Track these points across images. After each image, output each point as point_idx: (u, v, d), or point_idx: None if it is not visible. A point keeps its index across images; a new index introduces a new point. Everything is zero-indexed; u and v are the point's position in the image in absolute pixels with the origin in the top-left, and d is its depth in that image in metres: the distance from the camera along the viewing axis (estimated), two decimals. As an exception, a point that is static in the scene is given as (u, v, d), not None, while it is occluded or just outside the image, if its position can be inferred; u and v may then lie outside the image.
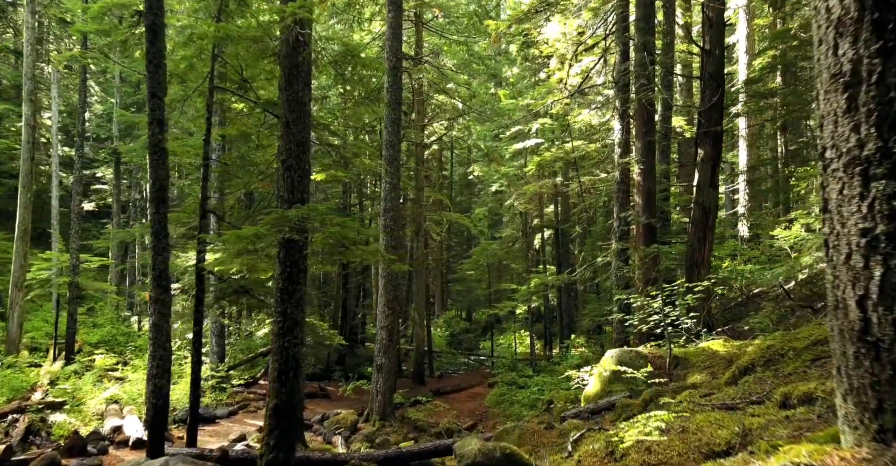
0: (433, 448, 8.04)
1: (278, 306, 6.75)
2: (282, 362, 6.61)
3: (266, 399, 6.65)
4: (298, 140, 6.95)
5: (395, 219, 14.40)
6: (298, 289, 6.81)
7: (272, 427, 6.47)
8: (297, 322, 6.76)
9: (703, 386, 6.30)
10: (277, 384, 6.57)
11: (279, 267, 6.77)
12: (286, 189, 6.82)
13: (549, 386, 16.50)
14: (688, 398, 5.01)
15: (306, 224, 6.40)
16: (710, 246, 12.07)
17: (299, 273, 6.81)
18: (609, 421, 7.07)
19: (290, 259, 6.73)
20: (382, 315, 14.21)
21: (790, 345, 5.33)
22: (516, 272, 31.40)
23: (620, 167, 13.07)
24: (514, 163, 26.00)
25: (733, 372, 5.63)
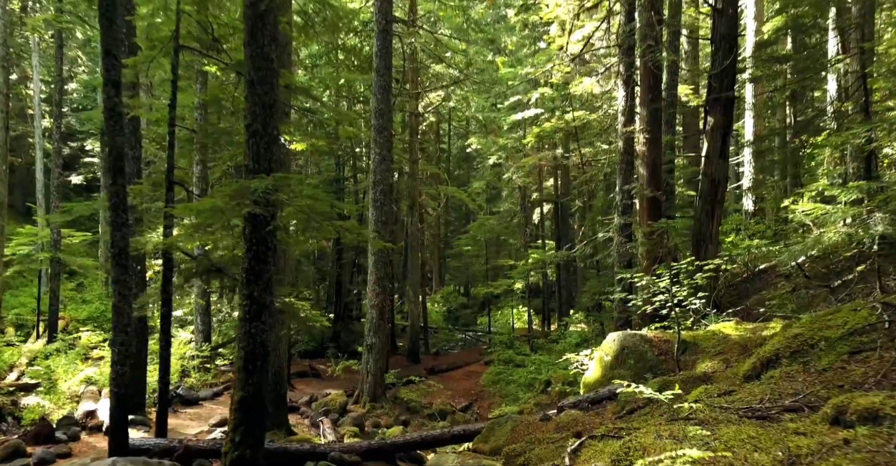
0: (419, 439, 7.44)
1: (244, 288, 6.05)
2: (248, 350, 5.94)
3: (232, 391, 6.01)
4: (265, 102, 6.17)
5: (386, 193, 13.65)
6: (267, 270, 6.10)
7: (237, 423, 5.84)
8: (266, 305, 6.08)
9: (717, 379, 5.64)
10: (243, 374, 5.91)
11: (245, 245, 6.06)
12: (251, 157, 6.07)
13: (546, 366, 15.95)
14: (704, 396, 4.34)
15: (272, 196, 5.66)
16: (718, 221, 11.35)
17: (267, 251, 6.10)
18: (611, 414, 6.44)
19: (257, 236, 6.01)
20: (373, 293, 13.56)
21: (821, 334, 4.65)
22: (514, 247, 30.76)
23: (624, 137, 12.27)
24: (513, 134, 25.11)
25: (754, 365, 4.96)
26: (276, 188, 5.84)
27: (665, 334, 7.90)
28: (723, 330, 7.63)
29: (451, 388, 16.69)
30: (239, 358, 5.98)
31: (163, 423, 8.02)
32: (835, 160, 17.87)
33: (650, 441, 3.18)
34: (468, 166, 39.59)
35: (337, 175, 25.45)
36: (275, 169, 6.14)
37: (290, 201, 5.77)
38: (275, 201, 5.77)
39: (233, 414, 5.87)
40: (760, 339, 6.81)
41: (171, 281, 8.21)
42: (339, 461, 7.18)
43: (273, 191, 5.82)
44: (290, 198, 6.00)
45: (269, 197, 5.67)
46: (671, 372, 7.18)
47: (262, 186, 5.63)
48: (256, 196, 5.73)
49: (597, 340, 17.07)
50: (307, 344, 22.90)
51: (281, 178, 5.81)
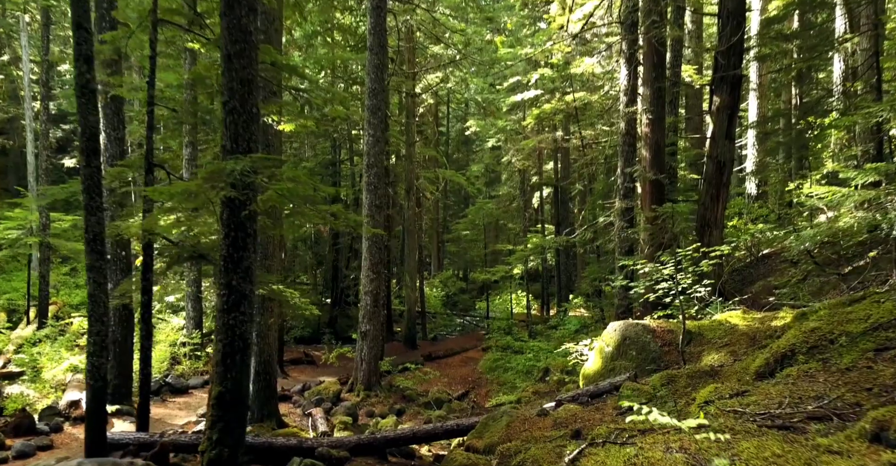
0: (411, 434, 7.11)
1: (222, 277, 5.67)
2: (227, 343, 5.58)
3: (210, 386, 5.65)
4: (243, 77, 5.74)
5: (381, 176, 13.23)
6: (246, 257, 5.71)
7: (215, 419, 5.49)
8: (245, 295, 5.70)
9: (726, 375, 5.28)
10: (222, 368, 5.55)
11: (223, 231, 5.67)
12: (228, 137, 5.65)
13: (545, 353, 15.66)
14: (714, 397, 3.98)
15: (249, 179, 5.26)
16: (724, 205, 10.94)
17: (247, 237, 5.70)
18: (612, 409, 6.09)
19: (236, 221, 5.62)
20: (367, 279, 13.19)
21: (842, 329, 4.28)
22: (514, 232, 30.39)
23: (626, 117, 11.82)
24: (512, 116, 24.59)
25: (767, 360, 4.59)
26: (254, 170, 5.43)
27: (668, 324, 7.54)
28: (729, 320, 7.27)
29: (447, 375, 16.41)
30: (217, 351, 5.61)
31: (144, 416, 7.69)
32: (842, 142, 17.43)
33: (659, 455, 2.83)
34: (467, 149, 39.07)
35: (333, 158, 24.96)
36: (255, 149, 5.73)
37: (269, 184, 5.36)
38: (253, 184, 5.36)
39: (210, 411, 5.52)
40: (770, 330, 6.46)
41: (151, 269, 7.84)
42: (327, 457, 6.87)
43: (251, 173, 5.42)
44: (270, 180, 5.58)
45: (247, 179, 5.26)
46: (675, 365, 6.83)
47: (240, 168, 5.23)
48: (233, 178, 5.32)
49: (596, 327, 16.78)
50: (303, 330, 22.62)
51: (259, 160, 5.39)
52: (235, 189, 5.47)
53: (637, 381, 6.53)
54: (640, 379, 6.73)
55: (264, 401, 10.15)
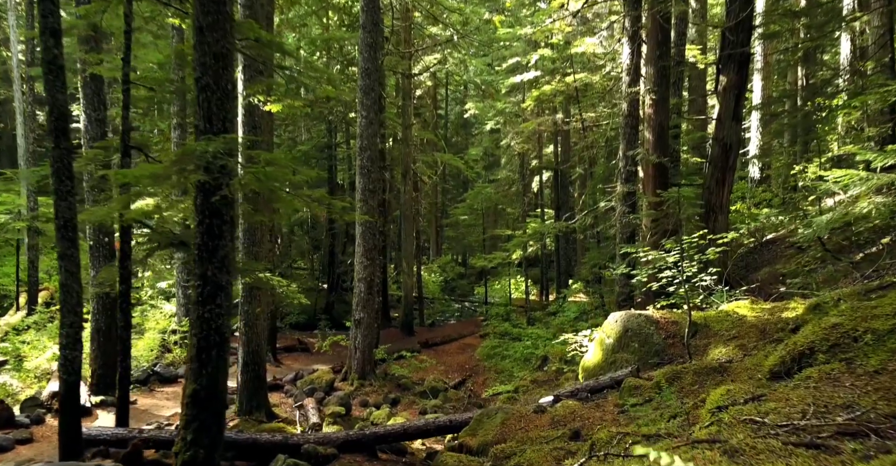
0: (401, 430, 6.78)
1: (197, 267, 5.29)
2: (202, 337, 5.21)
3: (184, 383, 5.29)
4: (216, 51, 5.30)
5: (374, 159, 12.79)
6: (222, 245, 5.32)
7: (190, 419, 5.15)
8: (222, 286, 5.32)
9: (736, 372, 4.91)
10: (196, 364, 5.19)
11: (197, 218, 5.28)
12: (201, 116, 5.23)
13: (543, 340, 15.34)
14: (727, 401, 3.62)
15: (222, 161, 4.85)
16: (729, 189, 10.56)
17: (223, 225, 5.31)
18: (614, 406, 5.75)
19: (210, 207, 5.22)
20: (361, 266, 12.82)
21: (866, 325, 3.90)
22: (512, 217, 29.98)
23: (629, 98, 11.36)
24: (511, 98, 24.05)
25: (783, 359, 4.22)
26: (228, 152, 5.02)
27: (672, 314, 7.18)
28: (737, 311, 6.90)
29: (444, 363, 16.11)
30: (191, 346, 5.25)
31: (124, 410, 7.36)
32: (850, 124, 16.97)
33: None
34: (466, 132, 38.52)
35: (328, 141, 24.47)
36: (231, 130, 5.31)
37: (246, 167, 4.95)
38: (227, 167, 4.95)
39: (185, 410, 5.17)
40: (781, 322, 6.10)
41: (129, 257, 7.46)
42: (313, 454, 6.54)
43: (225, 155, 5.01)
44: (248, 163, 5.18)
45: (219, 162, 4.86)
46: (679, 359, 6.48)
47: (212, 149, 4.81)
48: (205, 161, 4.91)
49: (596, 313, 16.44)
50: (298, 316, 22.31)
51: (234, 141, 4.98)
52: (209, 172, 5.07)
53: (639, 376, 6.18)
54: (642, 373, 6.38)
55: (253, 392, 9.83)
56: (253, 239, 9.77)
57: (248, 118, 9.66)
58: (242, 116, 9.67)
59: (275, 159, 5.23)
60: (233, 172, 4.93)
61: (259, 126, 9.78)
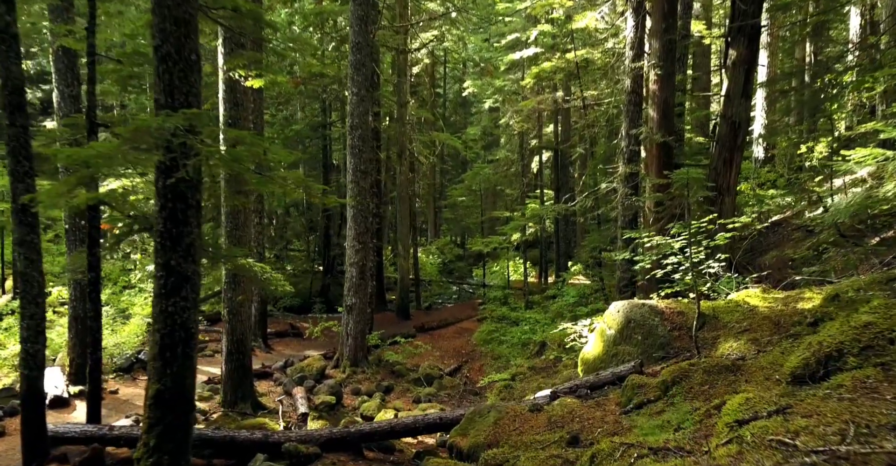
0: (388, 428, 6.37)
1: (159, 256, 4.81)
2: (165, 333, 4.75)
3: (147, 383, 4.85)
4: (177, 16, 4.76)
5: (366, 139, 12.24)
6: (188, 232, 4.84)
7: (153, 422, 4.72)
8: (188, 277, 4.85)
9: (751, 372, 4.46)
10: (160, 363, 4.74)
11: (158, 202, 4.79)
12: (162, 89, 4.71)
13: (541, 325, 14.95)
14: (746, 413, 3.17)
15: (180, 139, 4.35)
16: (737, 170, 10.05)
17: (187, 209, 4.82)
18: (615, 405, 5.32)
19: (173, 190, 4.73)
20: (352, 250, 12.35)
21: (904, 325, 3.44)
22: (511, 198, 29.43)
23: (632, 74, 10.78)
24: (511, 76, 23.37)
25: (806, 360, 3.77)
26: (190, 128, 4.52)
27: (678, 304, 6.72)
28: (747, 301, 6.45)
29: (440, 348, 15.73)
30: (153, 342, 4.79)
31: (95, 405, 6.95)
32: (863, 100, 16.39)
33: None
34: (464, 111, 37.82)
35: (322, 120, 23.84)
36: (195, 104, 4.79)
37: (211, 146, 4.44)
38: (188, 146, 4.45)
39: (147, 412, 4.73)
40: (797, 314, 5.64)
41: (97, 242, 6.98)
42: (294, 454, 6.13)
43: (187, 132, 4.50)
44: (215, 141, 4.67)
45: (178, 140, 4.35)
46: (686, 352, 6.04)
47: (170, 126, 4.31)
48: (164, 139, 4.41)
49: (596, 297, 16.01)
50: (292, 300, 21.90)
51: (196, 116, 4.47)
52: (170, 152, 4.57)
53: (643, 372, 5.74)
54: (646, 368, 5.95)
55: (238, 383, 9.43)
56: (237, 223, 9.29)
57: (230, 94, 9.13)
58: (223, 93, 9.13)
59: (242, 138, 4.72)
60: (195, 152, 4.42)
61: (241, 103, 9.23)
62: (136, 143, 4.32)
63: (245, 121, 9.28)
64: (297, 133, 23.19)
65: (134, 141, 4.33)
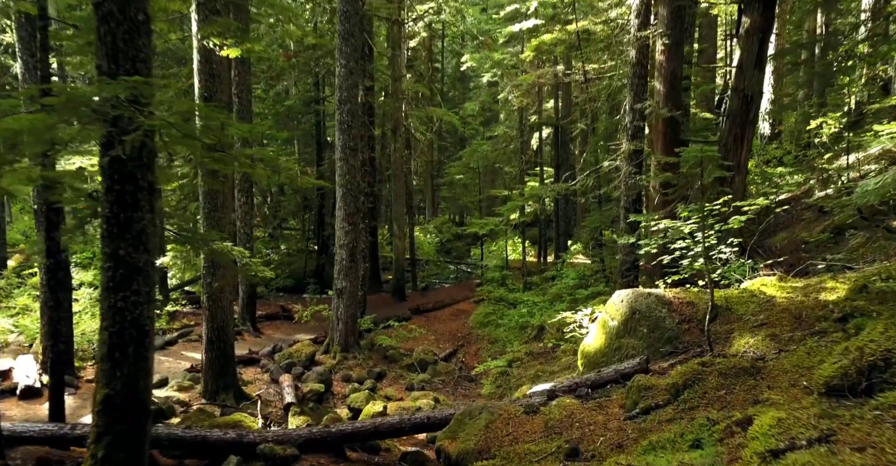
0: (372, 428, 5.89)
1: (105, 244, 4.26)
2: (115, 332, 4.23)
3: (95, 388, 4.34)
4: (120, -32, 4.16)
5: (355, 114, 11.60)
6: (139, 218, 4.28)
7: (102, 431, 4.22)
8: (139, 268, 4.31)
9: (773, 376, 3.94)
10: (108, 364, 4.23)
11: (104, 184, 4.22)
12: (104, 54, 4.11)
13: (540, 308, 14.47)
14: (781, 438, 2.65)
15: (120, 111, 3.77)
16: (748, 147, 9.47)
17: (138, 192, 4.26)
18: (620, 408, 4.82)
19: (120, 170, 4.16)
20: (342, 231, 11.80)
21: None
22: (511, 175, 28.78)
23: (638, 44, 10.10)
24: (510, 49, 22.54)
25: (845, 369, 3.24)
26: (135, 98, 3.93)
27: (688, 294, 6.19)
28: (763, 290, 5.91)
29: (435, 331, 15.29)
30: (101, 342, 4.27)
31: (57, 402, 6.46)
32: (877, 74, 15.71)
33: None
34: (463, 86, 36.93)
35: (315, 95, 23.09)
36: (145, 72, 4.19)
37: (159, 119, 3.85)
38: (132, 119, 3.86)
39: (95, 419, 4.23)
40: (820, 306, 5.11)
41: (57, 227, 6.42)
42: (270, 456, 5.66)
43: (131, 103, 3.91)
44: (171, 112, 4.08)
45: (119, 112, 3.77)
46: (696, 347, 5.52)
47: (108, 94, 3.72)
48: (102, 111, 3.82)
49: (596, 279, 15.50)
50: (285, 280, 21.44)
51: (144, 85, 3.87)
52: (115, 125, 3.99)
53: (649, 370, 5.23)
54: (652, 364, 5.44)
55: (219, 372, 8.96)
56: (215, 204, 8.72)
57: (205, 65, 8.47)
58: (198, 63, 8.48)
59: (192, 110, 4.12)
60: (135, 126, 3.83)
61: (217, 75, 8.59)
62: (68, 115, 3.74)
63: (222, 94, 8.65)
64: (289, 109, 22.46)
65: (64, 112, 3.74)
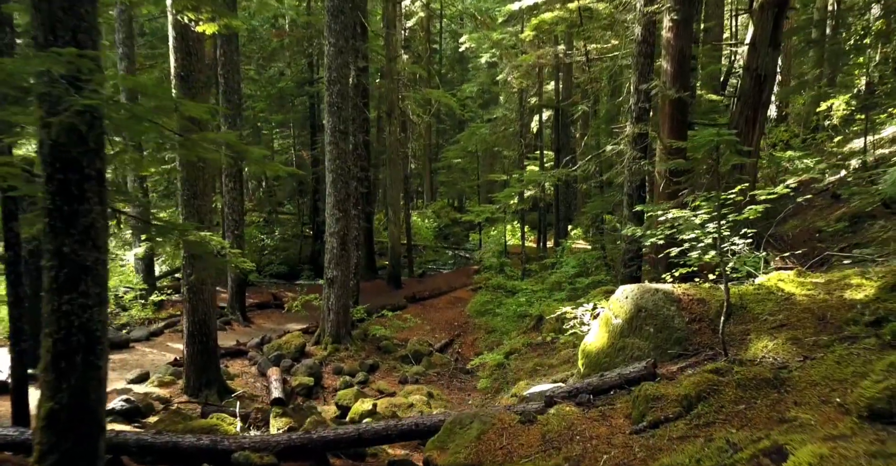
0: (355, 435, 5.44)
1: (48, 241, 3.77)
2: (60, 339, 3.76)
3: (38, 401, 3.88)
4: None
5: (345, 95, 11.05)
6: (86, 210, 3.79)
7: (46, 449, 3.77)
8: (87, 267, 3.83)
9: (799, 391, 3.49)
10: (53, 375, 3.77)
11: (44, 172, 3.73)
12: (40, 24, 3.59)
13: (539, 297, 14.03)
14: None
15: (51, 88, 3.27)
16: (761, 130, 8.97)
17: (84, 181, 3.76)
18: (625, 419, 4.37)
19: (63, 157, 3.66)
20: (332, 219, 11.31)
21: None
22: (510, 160, 28.21)
23: (644, 20, 9.51)
24: (509, 28, 21.84)
25: (892, 392, 2.77)
26: (74, 75, 3.42)
27: (698, 290, 5.72)
28: (780, 286, 5.44)
29: (431, 320, 14.87)
30: (45, 350, 3.80)
31: (20, 404, 6.02)
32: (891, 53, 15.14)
33: None
34: (461, 68, 36.17)
35: (309, 76, 22.44)
36: (90, 45, 3.67)
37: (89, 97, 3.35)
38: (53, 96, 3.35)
39: (38, 436, 3.78)
40: (845, 306, 4.65)
41: (16, 217, 5.93)
42: (246, 464, 5.24)
43: (69, 80, 3.41)
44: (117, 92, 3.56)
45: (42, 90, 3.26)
46: (707, 350, 5.06)
47: (39, 69, 3.21)
48: (41, 89, 3.32)
49: (597, 267, 15.05)
50: (279, 266, 20.99)
51: (81, 58, 3.35)
52: (52, 106, 3.49)
53: (657, 375, 4.78)
54: (660, 367, 4.98)
55: (201, 367, 8.53)
56: (194, 192, 8.21)
57: (181, 42, 7.92)
58: (173, 40, 7.94)
59: (143, 88, 3.61)
60: (65, 106, 3.32)
61: (194, 53, 8.03)
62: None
63: (200, 73, 8.10)
64: (282, 91, 21.84)
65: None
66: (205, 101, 11.97)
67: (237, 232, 13.41)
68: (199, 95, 8.25)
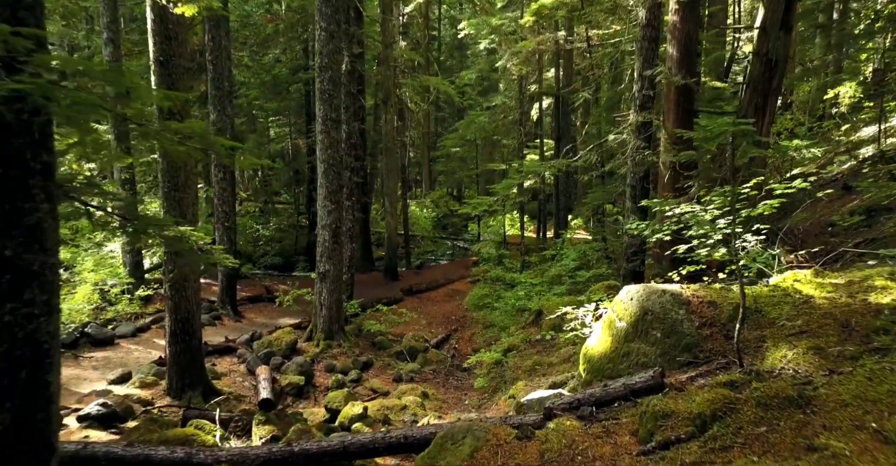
0: (340, 448, 5.07)
1: (-14, 243, 3.40)
2: (2, 353, 3.38)
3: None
4: None
5: (336, 82, 10.61)
6: (30, 209, 3.39)
7: (-11, 475, 3.43)
8: (33, 272, 3.44)
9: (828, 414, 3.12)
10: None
11: (-20, 164, 3.33)
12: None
13: (538, 291, 13.66)
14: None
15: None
16: (771, 118, 8.50)
17: (27, 176, 3.35)
18: (631, 436, 4.00)
19: (5, 149, 3.26)
20: (324, 210, 10.91)
21: None
22: (509, 148, 27.75)
23: (649, 2, 9.06)
24: (508, 13, 21.32)
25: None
26: (13, 57, 3.00)
27: (708, 292, 5.32)
28: (797, 287, 5.05)
29: (428, 314, 14.51)
30: (-13, 365, 3.40)
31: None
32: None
33: None
34: (461, 55, 35.60)
35: (304, 63, 21.93)
36: (33, 23, 3.26)
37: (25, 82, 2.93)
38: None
39: (-19, 462, 3.40)
40: (871, 311, 4.27)
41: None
42: (222, 480, 4.89)
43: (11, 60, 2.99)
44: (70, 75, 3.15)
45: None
46: (720, 357, 4.68)
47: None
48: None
49: (598, 260, 14.66)
50: (274, 258, 20.61)
51: (15, 37, 2.93)
52: None
53: (665, 387, 4.40)
54: (668, 376, 4.61)
55: (185, 367, 8.17)
56: (175, 183, 7.81)
57: (160, 26, 7.49)
58: (152, 23, 7.50)
59: (89, 71, 3.19)
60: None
61: (175, 37, 7.59)
62: None
63: (181, 58, 7.66)
64: (276, 77, 21.33)
65: None
66: (188, 88, 11.51)
67: (228, 223, 13.01)
68: (181, 82, 7.83)
